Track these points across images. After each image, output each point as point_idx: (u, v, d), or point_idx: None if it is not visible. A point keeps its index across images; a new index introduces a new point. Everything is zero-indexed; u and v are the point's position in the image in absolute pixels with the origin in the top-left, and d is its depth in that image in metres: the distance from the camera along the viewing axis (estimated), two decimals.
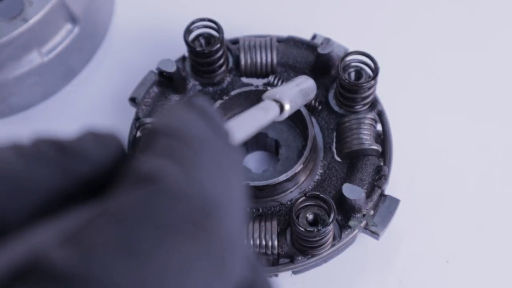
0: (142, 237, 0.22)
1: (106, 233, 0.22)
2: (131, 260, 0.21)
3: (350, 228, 0.57)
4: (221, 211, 0.24)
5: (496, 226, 0.63)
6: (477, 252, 0.62)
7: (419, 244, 0.63)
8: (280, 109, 0.47)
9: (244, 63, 0.66)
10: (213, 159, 0.26)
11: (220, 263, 0.24)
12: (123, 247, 0.22)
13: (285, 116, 0.49)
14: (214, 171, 0.25)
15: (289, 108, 0.48)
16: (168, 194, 0.23)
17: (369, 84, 0.60)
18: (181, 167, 0.24)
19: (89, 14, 0.72)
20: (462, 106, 0.70)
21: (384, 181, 0.59)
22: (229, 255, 0.24)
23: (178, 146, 0.25)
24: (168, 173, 0.24)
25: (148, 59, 0.69)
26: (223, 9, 0.76)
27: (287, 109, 0.48)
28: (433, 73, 0.72)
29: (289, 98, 0.49)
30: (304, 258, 0.57)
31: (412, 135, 0.68)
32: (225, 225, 0.24)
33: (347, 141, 0.61)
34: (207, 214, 0.24)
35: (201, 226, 0.23)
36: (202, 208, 0.24)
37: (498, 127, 0.69)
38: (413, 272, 0.62)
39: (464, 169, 0.66)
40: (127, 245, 0.22)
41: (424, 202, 0.64)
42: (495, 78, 0.72)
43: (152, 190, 0.23)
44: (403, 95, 0.70)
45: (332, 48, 0.64)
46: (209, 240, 0.23)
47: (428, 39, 0.74)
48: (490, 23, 0.75)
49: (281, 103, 0.47)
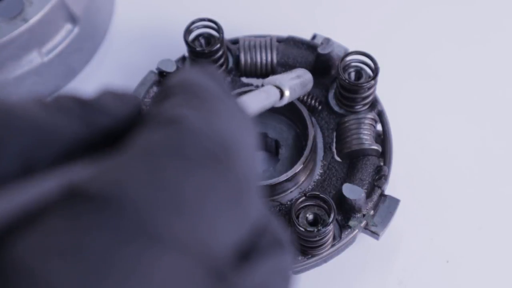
0: (169, 167, 0.23)
1: (137, 163, 0.23)
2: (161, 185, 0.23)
3: (350, 228, 0.57)
4: (237, 150, 0.26)
5: (496, 226, 0.63)
6: (477, 252, 0.62)
7: (419, 244, 0.63)
8: (280, 95, 0.49)
9: (244, 63, 0.66)
10: (226, 110, 0.27)
11: (237, 194, 0.25)
12: (154, 175, 0.23)
13: (284, 102, 0.51)
14: (228, 118, 0.27)
15: (288, 94, 0.50)
16: (189, 132, 0.25)
17: (369, 84, 0.60)
18: (198, 113, 0.26)
19: (89, 14, 0.72)
20: (462, 106, 0.70)
21: (384, 181, 0.59)
22: (246, 190, 0.26)
23: (194, 98, 0.27)
24: (188, 117, 0.25)
25: (148, 59, 0.69)
26: (223, 9, 0.76)
27: (287, 95, 0.50)
28: (433, 73, 0.72)
29: (289, 85, 0.51)
30: (304, 258, 0.57)
31: (412, 135, 0.68)
32: (241, 162, 0.26)
33: (347, 141, 0.61)
34: (225, 150, 0.25)
35: (220, 160, 0.25)
36: (220, 145, 0.25)
37: (498, 127, 0.69)
38: (413, 272, 0.62)
39: (464, 169, 0.66)
40: (157, 173, 0.23)
41: (424, 202, 0.64)
42: (495, 78, 0.72)
43: (175, 129, 0.25)
44: (403, 95, 0.70)
45: (332, 48, 0.64)
46: (228, 171, 0.25)
47: (428, 39, 0.74)
48: (490, 23, 0.75)
49: (281, 89, 0.49)
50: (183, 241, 0.23)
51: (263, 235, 0.27)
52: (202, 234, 0.23)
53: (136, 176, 0.23)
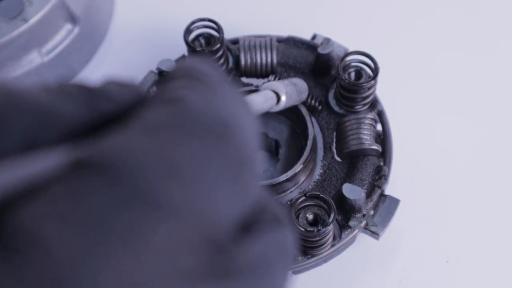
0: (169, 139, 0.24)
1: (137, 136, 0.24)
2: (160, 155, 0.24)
3: (350, 228, 0.57)
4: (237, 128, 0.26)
5: (496, 226, 0.63)
6: (477, 252, 0.62)
7: (419, 244, 0.63)
8: (277, 100, 0.50)
9: (244, 63, 0.66)
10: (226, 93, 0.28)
11: (237, 168, 0.26)
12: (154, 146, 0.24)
13: (280, 107, 0.51)
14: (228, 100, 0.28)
15: (285, 99, 0.51)
16: (190, 109, 0.25)
17: (369, 84, 0.60)
18: (199, 93, 0.27)
19: (89, 14, 0.72)
20: (462, 106, 0.70)
21: (384, 181, 0.59)
22: (246, 166, 0.26)
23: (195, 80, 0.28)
24: (189, 96, 0.26)
25: (148, 59, 0.69)
26: (223, 9, 0.76)
27: (283, 100, 0.51)
28: (433, 73, 0.72)
29: (286, 91, 0.51)
30: (304, 258, 0.57)
31: (412, 135, 0.68)
32: (240, 140, 0.26)
33: (347, 141, 0.61)
34: (225, 127, 0.26)
35: (220, 135, 0.25)
36: (220, 122, 0.26)
37: (498, 127, 0.69)
38: (413, 272, 0.62)
39: (464, 169, 0.66)
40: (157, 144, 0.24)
41: (424, 202, 0.64)
42: (495, 78, 0.72)
43: (176, 106, 0.25)
44: (403, 95, 0.70)
45: (332, 48, 0.64)
46: (227, 145, 0.25)
47: (428, 39, 0.74)
48: (490, 23, 0.75)
49: (278, 94, 0.50)
50: (181, 209, 0.23)
51: (263, 212, 0.27)
52: (201, 203, 0.24)
53: (137, 147, 0.23)
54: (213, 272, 0.23)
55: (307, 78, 0.65)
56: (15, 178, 0.22)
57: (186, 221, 0.23)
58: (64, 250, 0.21)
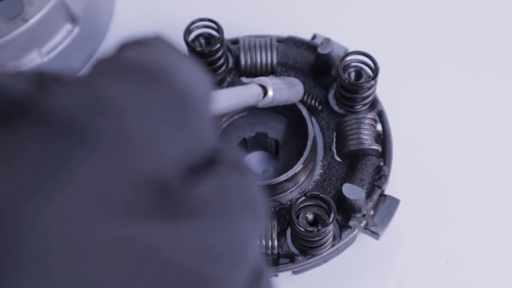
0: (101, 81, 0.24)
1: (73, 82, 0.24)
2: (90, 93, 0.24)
3: (350, 228, 0.57)
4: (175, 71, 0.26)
5: (496, 226, 0.63)
6: (477, 252, 0.62)
7: (419, 244, 0.63)
8: (264, 94, 0.50)
9: (244, 63, 0.66)
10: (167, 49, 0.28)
11: (178, 109, 0.25)
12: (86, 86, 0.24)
13: (268, 102, 0.51)
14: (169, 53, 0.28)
15: (272, 94, 0.51)
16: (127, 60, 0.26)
17: (369, 84, 0.60)
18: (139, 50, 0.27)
19: (89, 14, 0.72)
20: (462, 106, 0.70)
21: (384, 181, 0.59)
22: (189, 107, 0.26)
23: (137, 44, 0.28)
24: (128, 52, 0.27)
25: None
26: (223, 9, 0.76)
27: (270, 94, 0.51)
28: (433, 73, 0.72)
29: (273, 86, 0.51)
30: (304, 258, 0.57)
31: (412, 135, 0.68)
32: (181, 81, 0.26)
33: (347, 141, 0.61)
34: (162, 71, 0.26)
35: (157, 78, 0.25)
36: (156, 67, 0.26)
37: (498, 127, 0.69)
38: (413, 272, 0.62)
39: (464, 169, 0.66)
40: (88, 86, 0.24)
41: (424, 202, 0.64)
42: (495, 78, 0.72)
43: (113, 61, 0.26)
44: (403, 95, 0.70)
45: (332, 48, 0.64)
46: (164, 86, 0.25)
47: (428, 39, 0.74)
48: (490, 23, 0.75)
49: (265, 87, 0.50)
50: (114, 142, 0.23)
51: (219, 159, 0.27)
52: (137, 138, 0.24)
53: (69, 91, 0.24)
54: (157, 209, 0.23)
55: (307, 78, 0.65)
56: None
57: (118, 152, 0.23)
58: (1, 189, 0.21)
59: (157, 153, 0.24)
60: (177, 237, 0.23)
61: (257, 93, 0.50)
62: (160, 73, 0.25)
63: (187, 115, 0.25)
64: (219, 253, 0.24)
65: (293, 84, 0.58)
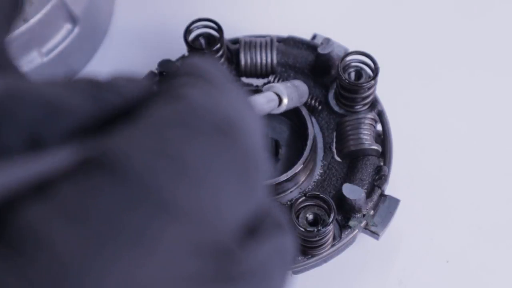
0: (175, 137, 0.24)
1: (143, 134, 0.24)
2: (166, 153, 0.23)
3: (350, 228, 0.57)
4: (243, 128, 0.26)
5: (496, 226, 0.63)
6: (477, 252, 0.62)
7: (419, 244, 0.63)
8: (279, 102, 0.50)
9: (244, 63, 0.66)
10: (231, 92, 0.27)
11: (244, 169, 0.25)
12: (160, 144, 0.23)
13: (282, 110, 0.52)
14: (233, 100, 0.27)
15: (286, 102, 0.51)
16: (196, 107, 0.25)
17: (369, 84, 0.60)
18: (204, 91, 0.26)
19: (89, 14, 0.72)
20: (463, 105, 0.70)
21: (384, 181, 0.59)
22: (253, 168, 0.25)
23: (200, 78, 0.27)
24: (195, 94, 0.26)
25: (148, 59, 0.69)
26: (223, 9, 0.76)
27: (285, 102, 0.51)
28: (433, 73, 0.72)
29: (288, 94, 0.51)
30: (304, 258, 0.57)
31: (412, 135, 0.68)
32: (247, 139, 0.25)
33: (347, 141, 0.61)
34: (231, 126, 0.25)
35: (226, 133, 0.25)
36: (226, 120, 0.25)
37: (499, 127, 0.69)
38: (413, 272, 0.62)
39: (464, 169, 0.66)
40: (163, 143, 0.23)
41: (424, 202, 0.64)
42: (496, 78, 0.72)
43: (182, 104, 0.25)
44: (403, 95, 0.70)
45: (332, 48, 0.64)
46: (234, 144, 0.25)
47: (428, 39, 0.74)
48: (491, 23, 0.75)
49: (280, 96, 0.50)
50: (188, 211, 0.23)
51: (266, 216, 0.27)
52: (208, 205, 0.23)
53: (143, 146, 0.23)
54: (218, 276, 0.23)
55: (307, 78, 0.65)
56: (20, 176, 0.22)
57: (193, 223, 0.23)
58: (70, 251, 0.21)
59: (222, 218, 0.24)
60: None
61: (274, 103, 0.50)
62: (229, 129, 0.25)
63: (250, 176, 0.25)
64: None
65: (303, 94, 0.59)
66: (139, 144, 0.23)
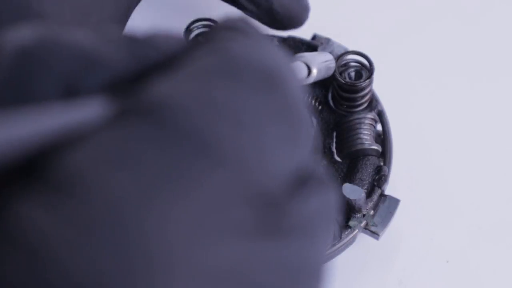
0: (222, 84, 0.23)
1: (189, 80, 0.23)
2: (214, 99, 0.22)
3: (350, 228, 0.57)
4: (284, 78, 0.25)
5: (496, 226, 0.63)
6: (477, 252, 0.62)
7: (419, 244, 0.63)
8: (308, 73, 0.49)
9: None
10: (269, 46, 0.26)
11: (289, 120, 0.24)
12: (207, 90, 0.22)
13: (311, 81, 0.51)
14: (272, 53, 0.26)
15: (316, 73, 0.50)
16: (238, 57, 0.24)
17: (364, 83, 0.59)
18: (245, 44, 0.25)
19: None
20: (463, 106, 0.70)
21: (384, 181, 0.59)
22: (297, 122, 0.25)
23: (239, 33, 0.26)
24: (236, 45, 0.25)
25: None
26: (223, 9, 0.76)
27: (314, 73, 0.50)
28: (433, 73, 0.72)
29: (317, 65, 0.50)
30: None
31: (412, 135, 0.68)
32: (290, 92, 0.24)
33: (347, 141, 0.61)
34: (272, 76, 0.24)
35: (269, 84, 0.24)
36: (267, 71, 0.24)
37: (499, 127, 0.69)
38: (413, 272, 0.62)
39: (465, 169, 0.66)
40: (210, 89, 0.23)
41: (424, 202, 0.64)
42: (495, 78, 0.72)
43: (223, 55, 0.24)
44: (403, 95, 0.70)
45: (332, 48, 0.64)
46: (278, 96, 0.24)
47: (429, 39, 0.74)
48: (490, 23, 0.75)
49: (309, 66, 0.49)
50: (233, 155, 0.22)
51: (312, 174, 0.26)
52: (253, 150, 0.22)
53: (185, 91, 0.22)
54: (264, 227, 0.22)
55: None
56: (58, 123, 0.21)
57: (237, 168, 0.22)
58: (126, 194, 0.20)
59: (270, 167, 0.23)
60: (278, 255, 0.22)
61: (303, 73, 0.49)
62: (271, 79, 0.24)
63: (295, 128, 0.25)
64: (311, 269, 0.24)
65: (330, 68, 0.57)
66: (179, 89, 0.22)
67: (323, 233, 0.26)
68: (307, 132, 0.26)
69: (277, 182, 0.23)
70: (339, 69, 0.60)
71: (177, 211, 0.20)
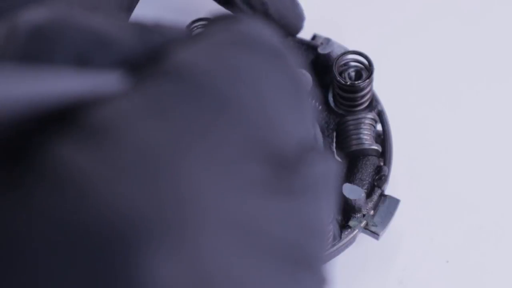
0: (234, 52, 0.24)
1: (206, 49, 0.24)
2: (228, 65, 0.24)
3: (350, 228, 0.57)
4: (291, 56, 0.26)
5: (496, 226, 0.63)
6: (477, 252, 0.62)
7: (419, 244, 0.63)
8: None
9: None
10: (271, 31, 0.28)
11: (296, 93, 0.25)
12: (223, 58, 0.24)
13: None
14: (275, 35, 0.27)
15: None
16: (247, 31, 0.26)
17: (364, 83, 0.59)
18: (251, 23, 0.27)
19: None
20: (463, 105, 0.70)
21: (384, 181, 0.59)
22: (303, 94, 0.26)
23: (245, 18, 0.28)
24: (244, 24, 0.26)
25: None
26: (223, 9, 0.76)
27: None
28: (433, 73, 0.72)
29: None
30: None
31: (412, 135, 0.68)
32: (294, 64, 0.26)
33: (347, 141, 0.61)
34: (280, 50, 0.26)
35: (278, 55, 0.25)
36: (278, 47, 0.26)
37: (499, 127, 0.69)
38: (413, 272, 0.62)
39: (465, 169, 0.66)
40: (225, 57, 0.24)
41: (424, 202, 0.64)
42: (496, 77, 0.72)
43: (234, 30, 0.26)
44: (403, 95, 0.70)
45: (332, 48, 0.64)
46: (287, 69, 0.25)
47: (429, 39, 0.74)
48: (491, 23, 0.75)
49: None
50: (250, 111, 0.23)
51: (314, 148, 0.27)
52: (269, 110, 0.24)
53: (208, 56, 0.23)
54: (279, 185, 0.23)
55: None
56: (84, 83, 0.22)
57: (256, 126, 0.23)
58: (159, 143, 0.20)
59: (283, 131, 0.24)
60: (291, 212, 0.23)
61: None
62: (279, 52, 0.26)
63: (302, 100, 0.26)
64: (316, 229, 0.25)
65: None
66: (199, 54, 0.23)
67: (329, 197, 0.27)
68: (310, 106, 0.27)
69: (289, 146, 0.25)
70: (339, 69, 0.60)
71: (207, 160, 0.21)
